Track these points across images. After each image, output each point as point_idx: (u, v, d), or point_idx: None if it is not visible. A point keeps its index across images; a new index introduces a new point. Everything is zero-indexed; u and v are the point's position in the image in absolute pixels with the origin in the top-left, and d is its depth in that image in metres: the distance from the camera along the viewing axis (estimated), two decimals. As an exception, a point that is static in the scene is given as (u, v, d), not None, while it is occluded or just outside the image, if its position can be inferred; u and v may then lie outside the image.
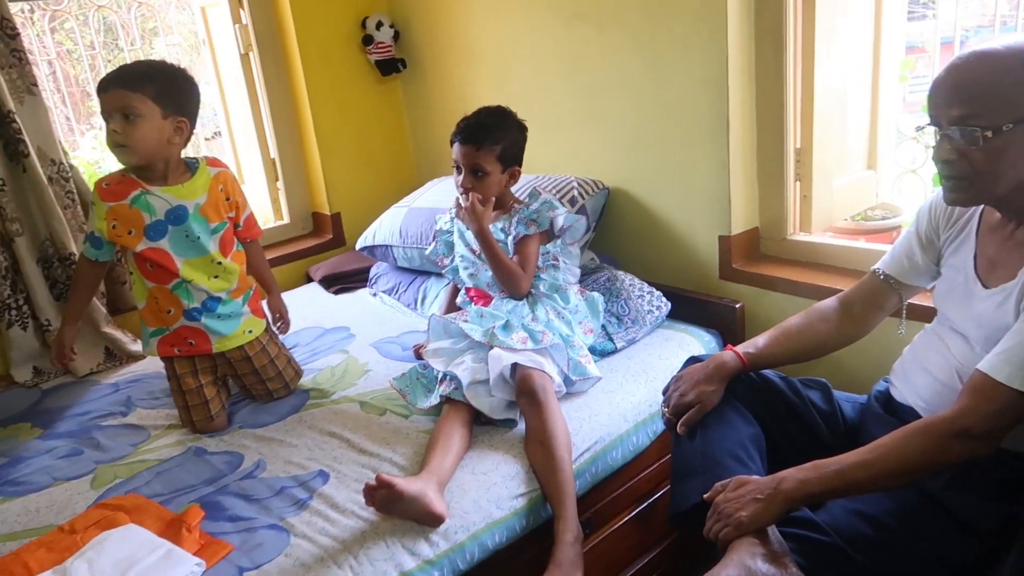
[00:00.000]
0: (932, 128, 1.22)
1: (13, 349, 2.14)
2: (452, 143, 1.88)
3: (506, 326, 1.75)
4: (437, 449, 1.53)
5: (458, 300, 2.04)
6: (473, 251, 1.95)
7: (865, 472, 1.18)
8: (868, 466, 1.18)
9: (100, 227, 1.71)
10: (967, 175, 1.19)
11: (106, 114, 1.63)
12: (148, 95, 1.62)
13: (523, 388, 1.63)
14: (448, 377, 1.69)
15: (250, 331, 1.85)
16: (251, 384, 1.87)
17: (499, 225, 1.91)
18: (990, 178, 1.18)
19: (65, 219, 2.14)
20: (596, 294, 1.96)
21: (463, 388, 1.64)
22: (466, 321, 1.79)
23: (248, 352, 1.83)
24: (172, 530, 1.38)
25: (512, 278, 1.84)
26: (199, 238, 1.73)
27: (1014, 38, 1.16)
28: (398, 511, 1.37)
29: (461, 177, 1.87)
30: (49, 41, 3.35)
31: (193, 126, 1.72)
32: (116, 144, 1.64)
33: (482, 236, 1.84)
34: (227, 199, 1.79)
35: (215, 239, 1.76)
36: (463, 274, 2.00)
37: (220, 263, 1.77)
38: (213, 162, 1.80)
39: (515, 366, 1.66)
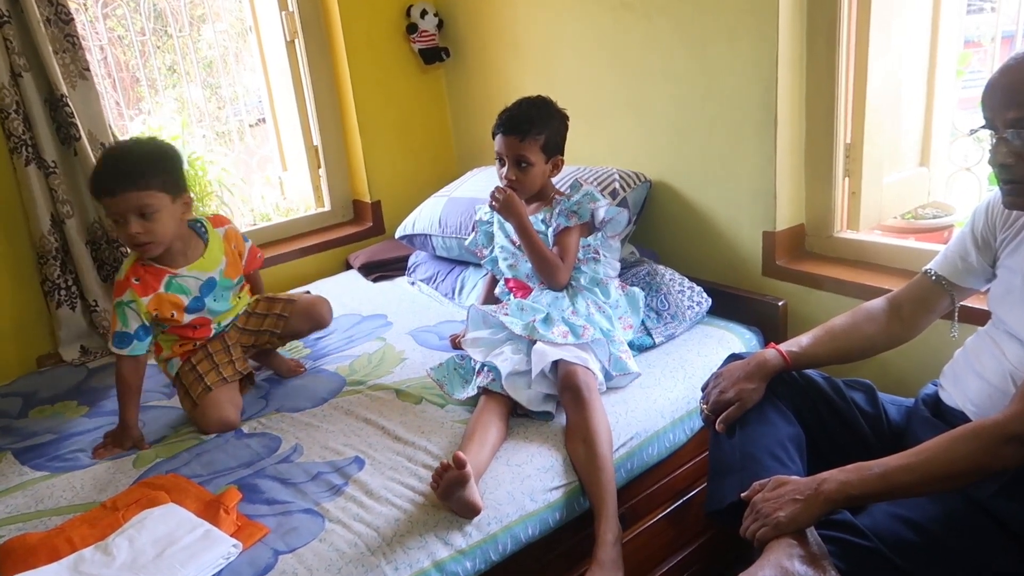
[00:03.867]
0: (987, 130, 1.19)
1: (62, 328, 2.19)
2: (494, 135, 1.87)
3: (546, 319, 1.74)
4: (474, 440, 1.53)
5: (496, 291, 2.03)
6: (513, 242, 1.94)
7: (910, 476, 1.15)
8: (913, 469, 1.15)
9: (146, 318, 1.71)
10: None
11: (119, 216, 1.62)
12: (157, 188, 1.61)
13: (567, 384, 1.61)
14: (486, 368, 1.69)
15: (239, 300, 1.91)
16: (259, 326, 1.89)
17: (540, 216, 1.90)
18: None
19: (115, 203, 2.17)
20: (637, 289, 1.94)
21: (501, 379, 1.63)
22: (506, 314, 1.78)
23: (249, 310, 1.92)
24: (210, 511, 1.40)
25: (552, 269, 1.83)
26: (224, 295, 1.84)
27: None
28: (455, 498, 1.36)
29: (505, 169, 1.86)
30: (101, 27, 3.41)
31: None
32: (138, 244, 1.64)
33: (522, 227, 1.83)
34: (239, 255, 1.87)
35: (236, 289, 1.87)
36: (502, 265, 1.99)
37: (240, 298, 1.90)
38: (216, 221, 1.85)
39: (557, 360, 1.65)
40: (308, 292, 2.00)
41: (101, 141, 2.16)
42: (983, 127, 1.20)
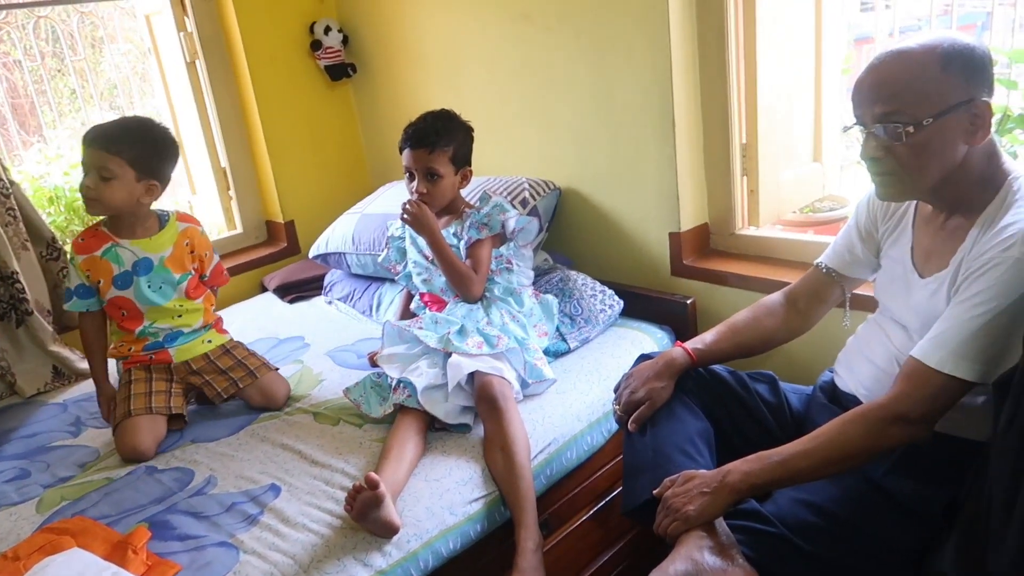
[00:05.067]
0: (858, 127, 1.25)
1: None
2: (402, 150, 1.88)
3: (461, 331, 1.75)
4: (390, 459, 1.52)
5: (412, 306, 2.03)
6: (426, 256, 1.94)
7: (807, 461, 1.20)
8: (809, 455, 1.20)
9: (83, 277, 1.80)
10: (895, 170, 1.22)
11: (85, 167, 1.73)
12: (125, 159, 1.71)
13: (483, 395, 1.62)
14: (402, 384, 1.68)
15: (209, 341, 1.91)
16: (213, 378, 1.86)
17: (451, 230, 1.91)
18: (916, 172, 1.21)
19: (6, 236, 2.08)
20: (550, 296, 1.96)
21: (418, 394, 1.63)
22: (421, 328, 1.78)
23: (211, 356, 1.89)
24: (118, 553, 1.35)
25: (465, 282, 1.84)
26: (161, 287, 1.83)
27: (929, 36, 1.20)
28: (371, 519, 1.35)
29: (415, 183, 1.87)
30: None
31: (165, 186, 1.81)
32: (86, 197, 1.73)
33: (434, 241, 1.83)
34: (191, 252, 1.88)
35: (179, 289, 1.86)
36: (416, 280, 1.99)
37: (182, 306, 1.87)
38: (183, 217, 1.90)
39: (473, 372, 1.66)
40: (277, 369, 1.93)
41: (-11, 173, 2.07)
42: (854, 124, 1.26)
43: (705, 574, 1.16)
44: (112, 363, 1.92)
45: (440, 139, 1.83)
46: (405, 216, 1.85)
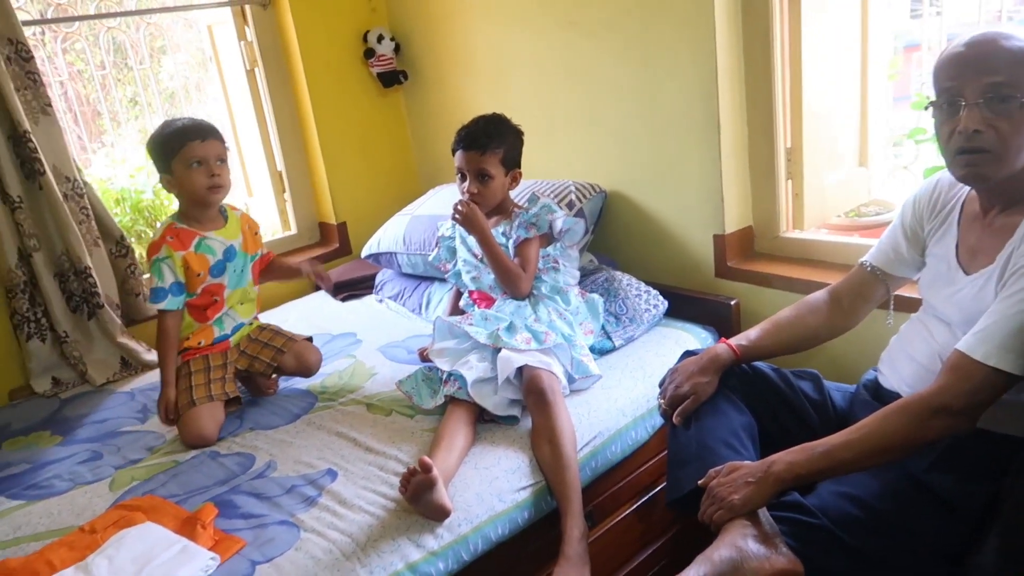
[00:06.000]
0: (944, 102, 1.24)
1: (32, 360, 2.21)
2: (454, 151, 1.94)
3: (510, 328, 1.80)
4: (442, 447, 1.58)
5: (461, 303, 2.09)
6: (475, 255, 2.01)
7: (850, 452, 1.23)
8: (852, 446, 1.23)
9: (180, 274, 1.89)
10: (992, 147, 1.20)
11: (204, 159, 1.85)
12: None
13: (531, 388, 1.67)
14: (453, 377, 1.74)
15: (251, 324, 2.07)
16: (258, 352, 1.98)
17: (500, 229, 1.97)
18: (1015, 152, 1.20)
19: (80, 234, 2.21)
20: (596, 296, 2.01)
21: (468, 387, 1.69)
22: (471, 324, 1.84)
23: (252, 336, 2.03)
24: (187, 527, 1.43)
25: (514, 279, 1.90)
26: (242, 270, 1.99)
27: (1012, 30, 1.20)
28: (423, 502, 1.42)
29: (467, 183, 1.93)
30: (60, 62, 3.43)
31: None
32: (216, 186, 1.88)
33: (484, 239, 1.89)
34: (255, 234, 2.04)
35: (251, 269, 2.02)
36: (466, 278, 2.05)
37: (249, 292, 2.02)
38: (232, 207, 2.05)
39: (521, 367, 1.71)
40: (310, 339, 2.07)
41: (65, 175, 2.20)
42: (942, 100, 1.24)
43: (749, 561, 1.19)
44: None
45: (491, 141, 1.90)
46: (456, 216, 1.92)
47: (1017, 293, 1.18)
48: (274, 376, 2.05)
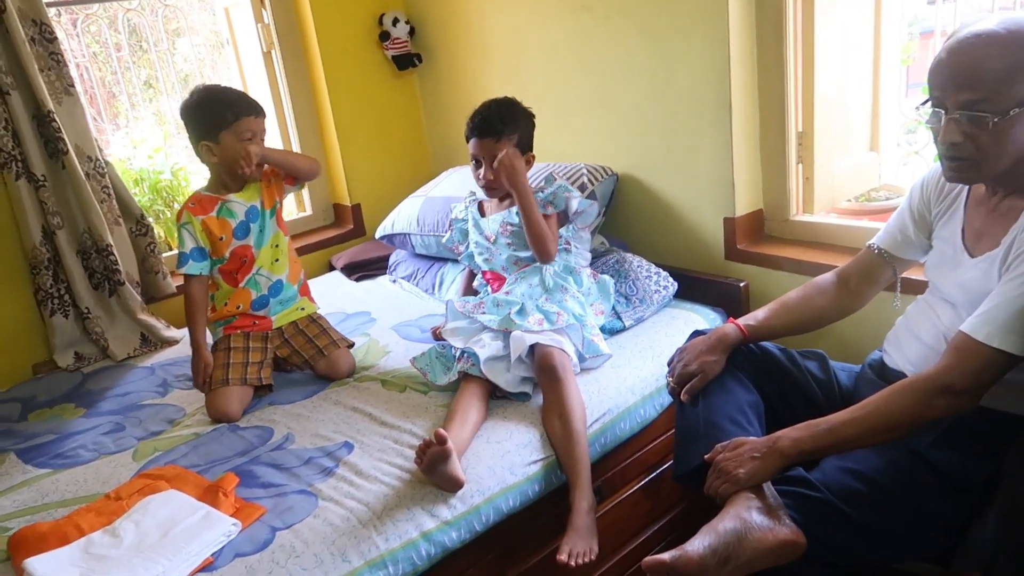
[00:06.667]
0: (932, 107, 1.26)
1: (56, 336, 2.26)
2: (468, 139, 1.97)
3: (521, 310, 1.84)
4: (456, 421, 1.62)
5: (475, 283, 2.13)
6: (487, 238, 2.04)
7: (854, 428, 1.26)
8: (857, 423, 1.26)
9: (202, 239, 1.96)
10: (972, 156, 1.24)
11: (252, 134, 1.93)
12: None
13: (543, 365, 1.71)
14: (466, 354, 1.78)
15: (302, 308, 2.11)
16: (302, 347, 2.01)
17: (515, 210, 1.99)
18: (994, 159, 1.23)
19: (102, 212, 2.25)
20: (607, 277, 2.04)
21: (480, 364, 1.73)
22: (484, 313, 1.85)
23: (300, 326, 2.06)
24: (210, 495, 1.48)
25: (546, 239, 1.92)
26: (264, 229, 2.02)
27: (1011, 17, 1.20)
28: (438, 473, 1.46)
29: (482, 170, 1.96)
30: (76, 44, 3.47)
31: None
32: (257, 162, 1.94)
33: (524, 191, 1.91)
34: (269, 183, 2.04)
35: (273, 222, 2.04)
36: (478, 259, 2.09)
37: (278, 245, 2.05)
38: None
39: (533, 345, 1.74)
40: (352, 344, 2.08)
41: (87, 154, 2.24)
42: (930, 104, 1.26)
43: (753, 531, 1.23)
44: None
45: (505, 127, 1.92)
46: (496, 168, 1.91)
47: (1020, 276, 1.20)
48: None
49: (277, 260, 2.05)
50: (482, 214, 2.11)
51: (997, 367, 1.20)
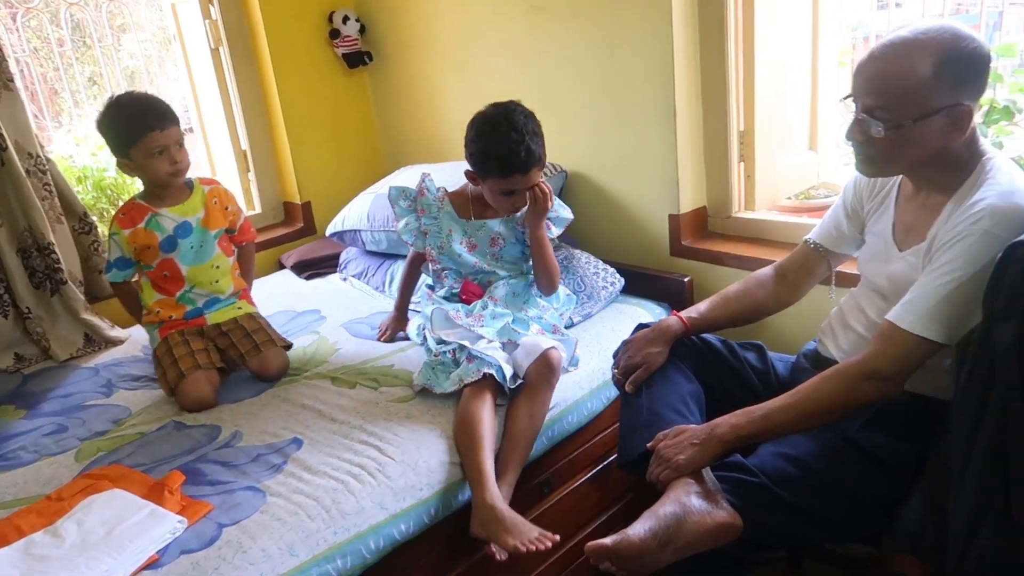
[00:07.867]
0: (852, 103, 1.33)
1: (-6, 337, 2.21)
2: (506, 176, 1.80)
3: (515, 322, 1.85)
4: (486, 450, 1.58)
5: (441, 294, 2.02)
6: (470, 244, 1.97)
7: (788, 414, 1.31)
8: (790, 409, 1.31)
9: (127, 250, 1.97)
10: (871, 155, 1.33)
11: (164, 147, 1.87)
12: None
13: (547, 361, 1.70)
14: (468, 355, 1.75)
15: (239, 308, 2.10)
16: (239, 340, 1.98)
17: (503, 221, 1.96)
18: (891, 160, 1.32)
19: (43, 209, 2.20)
20: (565, 289, 2.06)
21: (483, 353, 1.71)
22: (482, 326, 1.83)
23: (239, 321, 2.04)
24: (155, 493, 1.47)
25: (556, 273, 1.94)
26: (202, 247, 2.00)
27: (936, 27, 1.24)
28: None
29: (513, 198, 1.85)
30: (16, 39, 3.38)
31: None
32: (180, 171, 1.92)
33: (541, 232, 1.90)
34: (225, 208, 2.06)
35: (215, 245, 2.02)
36: (447, 262, 1.99)
37: (219, 267, 2.04)
38: (205, 180, 2.07)
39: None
40: (290, 346, 2.04)
41: (28, 151, 2.19)
42: (850, 99, 1.33)
43: (691, 515, 1.28)
44: (139, 331, 2.08)
45: (543, 155, 1.82)
46: (538, 199, 1.84)
47: (941, 267, 1.26)
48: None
49: (217, 281, 2.05)
50: (458, 214, 2.00)
51: (920, 353, 1.26)
